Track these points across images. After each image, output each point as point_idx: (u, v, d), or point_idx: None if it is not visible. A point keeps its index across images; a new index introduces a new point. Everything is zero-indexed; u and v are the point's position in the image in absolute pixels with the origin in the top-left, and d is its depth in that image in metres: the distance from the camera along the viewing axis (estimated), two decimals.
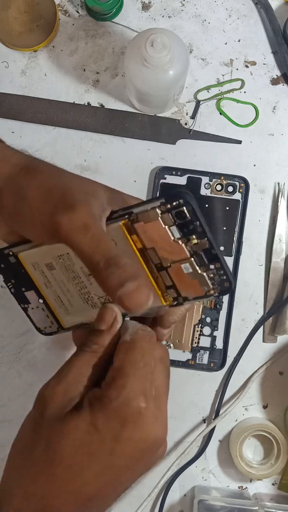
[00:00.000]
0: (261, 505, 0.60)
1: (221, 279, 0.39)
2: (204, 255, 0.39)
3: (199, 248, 0.39)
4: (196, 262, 0.39)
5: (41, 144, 0.65)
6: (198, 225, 0.38)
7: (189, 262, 0.39)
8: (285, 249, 0.64)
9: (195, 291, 0.40)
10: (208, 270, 0.39)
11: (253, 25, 0.66)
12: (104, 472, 0.37)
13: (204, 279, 0.39)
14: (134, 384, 0.37)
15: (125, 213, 0.40)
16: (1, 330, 0.65)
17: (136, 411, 0.37)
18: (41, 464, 0.37)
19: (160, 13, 0.65)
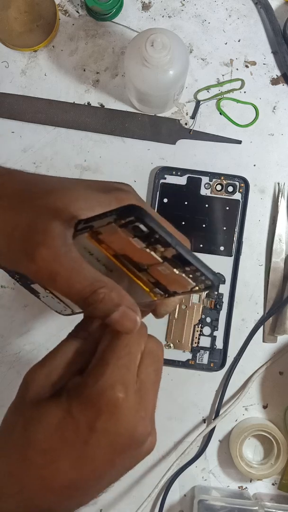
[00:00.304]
0: (261, 505, 0.60)
1: (200, 279, 0.37)
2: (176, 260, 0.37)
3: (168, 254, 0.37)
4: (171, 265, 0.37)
5: (41, 144, 0.65)
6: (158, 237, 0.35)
7: (164, 266, 0.37)
8: (285, 249, 0.64)
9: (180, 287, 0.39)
10: (185, 271, 0.37)
11: (253, 25, 0.66)
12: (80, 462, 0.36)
13: (184, 279, 0.38)
14: (113, 373, 0.36)
15: (87, 226, 0.38)
16: (1, 330, 0.65)
17: (112, 401, 0.36)
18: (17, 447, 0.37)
19: (160, 13, 0.65)
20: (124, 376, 0.37)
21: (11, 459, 0.37)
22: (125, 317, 0.37)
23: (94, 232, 0.38)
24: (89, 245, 0.39)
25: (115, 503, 0.64)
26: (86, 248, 0.39)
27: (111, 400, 0.36)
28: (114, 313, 0.37)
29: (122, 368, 0.37)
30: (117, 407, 0.36)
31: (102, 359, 0.37)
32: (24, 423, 0.37)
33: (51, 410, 0.36)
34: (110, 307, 0.36)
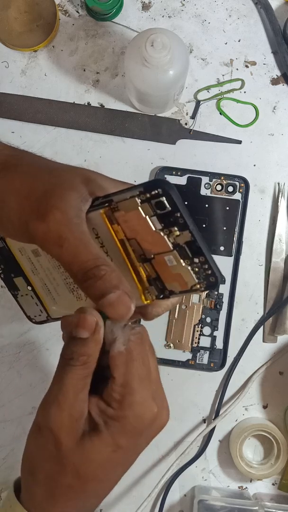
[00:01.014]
0: (261, 505, 0.60)
1: (206, 274, 0.37)
2: (187, 248, 0.36)
3: (182, 240, 0.36)
4: (180, 254, 0.37)
5: (41, 144, 0.65)
6: (179, 217, 0.36)
7: (172, 255, 0.37)
8: (285, 249, 0.64)
9: (180, 284, 0.38)
10: (192, 263, 0.37)
11: (253, 25, 0.66)
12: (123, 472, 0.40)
13: (188, 273, 0.37)
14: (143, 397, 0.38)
15: (105, 201, 0.38)
16: (1, 330, 0.65)
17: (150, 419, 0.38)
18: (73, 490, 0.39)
19: (160, 13, 0.65)
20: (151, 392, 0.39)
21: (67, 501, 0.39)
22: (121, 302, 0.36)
23: (110, 209, 0.37)
24: (98, 225, 0.38)
25: (115, 503, 0.64)
26: (94, 229, 0.38)
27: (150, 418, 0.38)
28: (110, 294, 0.36)
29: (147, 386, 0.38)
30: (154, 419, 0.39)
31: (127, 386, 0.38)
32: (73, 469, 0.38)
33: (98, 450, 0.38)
34: (108, 287, 0.36)
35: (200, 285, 0.37)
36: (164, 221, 0.36)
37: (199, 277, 0.37)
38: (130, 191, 0.36)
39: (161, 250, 0.37)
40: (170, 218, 0.36)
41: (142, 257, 0.38)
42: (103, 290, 0.36)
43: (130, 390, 0.38)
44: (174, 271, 0.37)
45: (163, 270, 0.38)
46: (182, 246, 0.36)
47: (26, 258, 0.44)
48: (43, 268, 0.44)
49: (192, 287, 0.37)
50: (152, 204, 0.36)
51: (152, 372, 0.39)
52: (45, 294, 0.45)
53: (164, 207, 0.36)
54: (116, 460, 0.38)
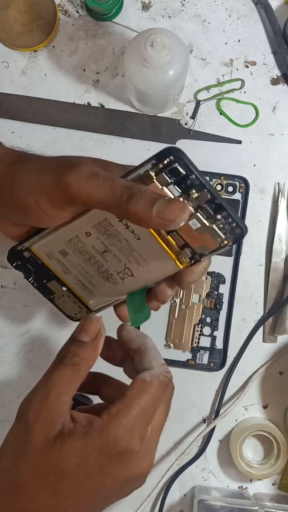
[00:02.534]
0: (261, 505, 0.60)
1: (231, 227, 0.38)
2: (208, 206, 0.38)
3: (202, 201, 0.37)
4: (203, 215, 0.38)
5: (41, 144, 0.65)
6: (194, 178, 0.37)
7: (196, 218, 0.38)
8: (285, 249, 0.64)
9: (209, 244, 0.39)
10: (216, 221, 0.38)
11: (253, 25, 0.66)
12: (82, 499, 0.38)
13: (214, 231, 0.38)
14: (135, 427, 0.37)
15: None
16: (1, 330, 0.65)
17: (129, 452, 0.37)
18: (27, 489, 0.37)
19: (160, 13, 0.65)
20: (143, 430, 0.38)
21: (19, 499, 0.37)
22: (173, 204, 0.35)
23: None
24: None
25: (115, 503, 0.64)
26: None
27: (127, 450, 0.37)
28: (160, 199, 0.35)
29: (144, 422, 0.38)
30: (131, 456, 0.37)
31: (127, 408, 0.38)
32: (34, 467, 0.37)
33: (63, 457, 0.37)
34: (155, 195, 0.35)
35: (228, 240, 0.39)
36: (181, 186, 0.37)
37: (225, 232, 0.38)
38: (143, 167, 0.38)
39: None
40: (186, 182, 0.37)
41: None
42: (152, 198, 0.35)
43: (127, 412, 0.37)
44: (200, 233, 0.39)
45: (190, 235, 0.39)
46: (203, 207, 0.38)
47: (55, 261, 0.45)
48: (74, 265, 0.44)
49: (221, 243, 0.39)
50: (167, 173, 0.37)
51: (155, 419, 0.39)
52: (81, 290, 0.46)
53: (178, 173, 0.37)
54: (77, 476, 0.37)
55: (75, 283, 0.46)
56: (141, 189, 0.36)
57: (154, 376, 0.39)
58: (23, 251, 0.46)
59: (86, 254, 0.43)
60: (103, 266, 0.43)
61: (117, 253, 0.42)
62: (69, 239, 0.43)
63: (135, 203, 0.36)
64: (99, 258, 0.43)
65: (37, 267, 0.46)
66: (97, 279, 0.44)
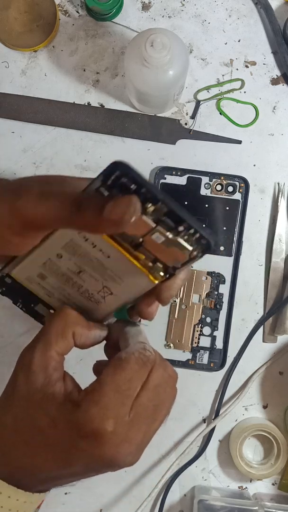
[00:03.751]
0: (261, 505, 0.60)
1: (196, 238, 0.36)
2: (168, 219, 0.36)
3: (159, 213, 0.36)
4: (164, 228, 0.36)
5: (41, 144, 0.65)
6: (145, 192, 0.35)
7: (158, 231, 0.36)
8: (285, 249, 0.64)
9: (179, 258, 0.38)
10: (179, 233, 0.36)
11: (253, 25, 0.66)
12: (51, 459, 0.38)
13: (179, 244, 0.37)
14: (108, 405, 0.37)
15: None
16: (1, 330, 0.65)
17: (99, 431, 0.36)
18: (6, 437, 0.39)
19: (160, 13, 0.65)
20: (118, 410, 0.37)
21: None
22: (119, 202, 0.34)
23: None
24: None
25: (115, 503, 0.64)
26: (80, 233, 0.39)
27: (99, 430, 0.36)
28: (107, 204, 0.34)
29: (118, 402, 0.37)
30: (102, 437, 0.36)
31: (101, 386, 0.37)
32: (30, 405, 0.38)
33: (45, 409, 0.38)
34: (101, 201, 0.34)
35: (197, 251, 0.37)
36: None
37: (191, 244, 0.37)
38: (93, 184, 0.36)
39: (146, 230, 0.37)
40: (139, 196, 0.35)
41: (133, 243, 0.38)
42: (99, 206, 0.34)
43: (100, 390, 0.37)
44: (167, 247, 0.37)
45: (157, 250, 0.38)
46: (162, 220, 0.36)
47: (36, 285, 0.45)
48: (55, 288, 0.44)
49: (190, 255, 0.37)
50: (117, 189, 0.35)
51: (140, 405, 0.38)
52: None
53: (128, 188, 0.35)
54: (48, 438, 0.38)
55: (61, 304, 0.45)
56: (87, 199, 0.35)
57: (128, 353, 0.38)
58: (4, 277, 0.45)
59: (63, 276, 0.42)
60: (83, 287, 0.42)
61: (92, 272, 0.41)
62: (43, 262, 0.42)
63: (84, 212, 0.35)
64: (77, 279, 0.42)
65: (21, 292, 0.46)
66: (80, 299, 0.44)
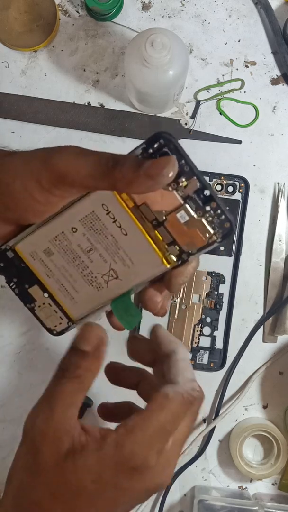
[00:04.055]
0: (261, 505, 0.60)
1: (220, 220, 0.37)
2: (197, 196, 0.37)
3: (190, 190, 0.37)
4: (191, 207, 0.37)
5: (41, 144, 0.65)
6: (184, 164, 0.36)
7: (184, 209, 0.37)
8: (285, 249, 0.64)
9: (197, 241, 0.38)
10: (205, 213, 0.37)
11: (253, 25, 0.66)
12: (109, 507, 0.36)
13: (202, 225, 0.38)
14: (153, 443, 0.35)
15: None
16: (1, 330, 0.65)
17: (145, 467, 0.35)
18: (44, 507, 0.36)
19: (160, 13, 0.65)
20: (161, 445, 0.36)
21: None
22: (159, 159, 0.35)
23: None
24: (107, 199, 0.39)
25: None
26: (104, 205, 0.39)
27: (143, 465, 0.35)
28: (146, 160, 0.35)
29: (162, 438, 0.36)
30: (147, 470, 0.35)
31: (145, 423, 0.36)
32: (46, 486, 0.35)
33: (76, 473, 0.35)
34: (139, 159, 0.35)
35: (217, 235, 0.38)
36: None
37: (213, 227, 0.38)
38: (133, 152, 0.37)
39: (172, 207, 0.38)
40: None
41: (155, 222, 0.39)
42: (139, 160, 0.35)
43: (144, 427, 0.35)
44: (188, 227, 0.38)
45: (177, 230, 0.38)
46: (192, 197, 0.37)
47: (39, 262, 0.44)
48: (58, 267, 0.44)
49: (209, 239, 0.38)
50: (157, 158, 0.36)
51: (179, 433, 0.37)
52: (64, 296, 0.45)
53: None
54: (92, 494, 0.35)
55: (58, 287, 0.45)
56: (125, 156, 0.36)
57: (177, 393, 0.37)
58: (7, 251, 0.45)
59: (71, 254, 0.42)
60: (88, 268, 0.42)
61: (102, 251, 0.41)
62: (55, 236, 0.42)
63: (122, 167, 0.35)
64: (84, 258, 0.42)
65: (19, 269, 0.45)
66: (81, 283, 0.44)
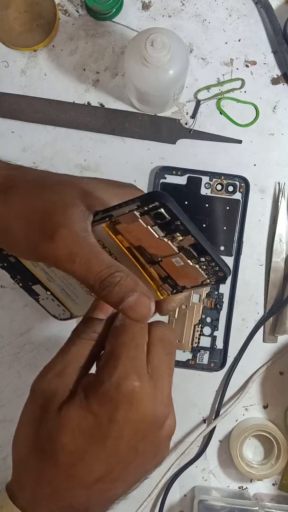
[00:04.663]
0: (261, 505, 0.60)
1: (214, 270, 0.38)
2: (192, 249, 0.37)
3: (186, 243, 0.37)
4: (186, 256, 0.38)
5: (41, 144, 0.65)
6: (179, 224, 0.36)
7: (179, 257, 0.38)
8: (286, 249, 0.64)
9: (191, 281, 0.39)
10: (199, 262, 0.38)
11: (253, 24, 0.65)
12: (106, 455, 0.38)
13: (197, 271, 0.38)
14: (126, 365, 0.37)
15: (106, 216, 0.38)
16: (1, 330, 0.65)
17: (129, 391, 0.37)
18: (45, 455, 0.38)
19: (160, 13, 0.65)
20: (136, 365, 0.38)
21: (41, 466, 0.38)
22: (140, 303, 0.37)
23: (112, 222, 0.38)
24: (103, 237, 0.39)
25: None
26: (100, 241, 0.39)
27: (128, 389, 0.37)
28: (129, 297, 0.37)
29: (133, 359, 0.38)
30: (135, 395, 0.37)
31: (112, 353, 0.38)
32: (47, 432, 0.38)
33: (71, 412, 0.37)
34: (126, 291, 0.37)
35: (210, 280, 0.39)
36: (166, 228, 0.37)
37: (207, 273, 0.38)
38: (127, 206, 0.37)
39: (167, 254, 0.38)
40: (171, 226, 0.37)
41: (150, 260, 0.39)
42: (121, 295, 0.37)
43: (112, 356, 0.38)
44: (183, 270, 0.38)
45: (173, 270, 0.39)
46: (187, 249, 0.37)
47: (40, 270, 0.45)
48: (58, 276, 0.44)
49: (203, 282, 0.39)
50: (152, 215, 0.36)
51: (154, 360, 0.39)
52: (65, 297, 0.46)
53: (163, 218, 0.36)
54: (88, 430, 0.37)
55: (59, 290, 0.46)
56: (114, 281, 0.37)
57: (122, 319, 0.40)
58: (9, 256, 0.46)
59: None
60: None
61: None
62: None
63: (105, 297, 0.37)
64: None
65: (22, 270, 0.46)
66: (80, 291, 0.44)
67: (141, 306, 0.37)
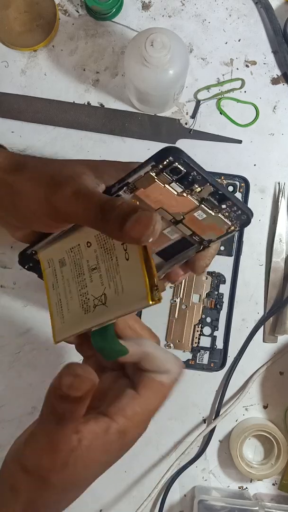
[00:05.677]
0: (261, 505, 0.60)
1: (237, 214, 0.39)
2: (213, 198, 0.38)
3: (205, 193, 0.38)
4: (207, 207, 0.38)
5: (41, 144, 0.65)
6: (196, 175, 0.37)
7: (201, 209, 0.39)
8: (286, 249, 0.64)
9: (216, 232, 0.40)
10: (221, 210, 0.38)
11: (253, 24, 0.65)
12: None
13: (221, 220, 0.39)
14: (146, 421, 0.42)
15: (122, 185, 0.39)
16: (1, 330, 0.65)
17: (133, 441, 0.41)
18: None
19: (160, 13, 0.65)
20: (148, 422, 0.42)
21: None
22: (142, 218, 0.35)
23: (129, 190, 0.39)
24: None
25: (115, 503, 0.64)
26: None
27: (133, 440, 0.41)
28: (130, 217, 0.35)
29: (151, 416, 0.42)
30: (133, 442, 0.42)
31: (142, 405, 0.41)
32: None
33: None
34: (126, 211, 0.35)
35: (235, 226, 0.40)
36: (183, 182, 0.38)
37: (231, 220, 0.39)
38: (142, 169, 0.38)
39: (189, 209, 0.39)
40: (188, 178, 0.37)
41: (173, 221, 0.40)
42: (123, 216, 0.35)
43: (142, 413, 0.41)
44: (207, 222, 0.39)
45: (196, 225, 0.40)
46: (207, 199, 0.38)
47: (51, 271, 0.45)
48: (64, 279, 0.44)
49: (228, 230, 0.40)
50: (167, 172, 0.37)
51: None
52: (56, 312, 0.46)
53: (179, 172, 0.37)
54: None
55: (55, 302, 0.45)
56: (113, 205, 0.36)
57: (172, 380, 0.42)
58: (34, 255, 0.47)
59: (79, 269, 0.43)
60: (86, 287, 0.43)
61: (103, 272, 0.41)
62: (72, 247, 0.43)
63: (108, 223, 0.36)
64: (87, 276, 0.42)
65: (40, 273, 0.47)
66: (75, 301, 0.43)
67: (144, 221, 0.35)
